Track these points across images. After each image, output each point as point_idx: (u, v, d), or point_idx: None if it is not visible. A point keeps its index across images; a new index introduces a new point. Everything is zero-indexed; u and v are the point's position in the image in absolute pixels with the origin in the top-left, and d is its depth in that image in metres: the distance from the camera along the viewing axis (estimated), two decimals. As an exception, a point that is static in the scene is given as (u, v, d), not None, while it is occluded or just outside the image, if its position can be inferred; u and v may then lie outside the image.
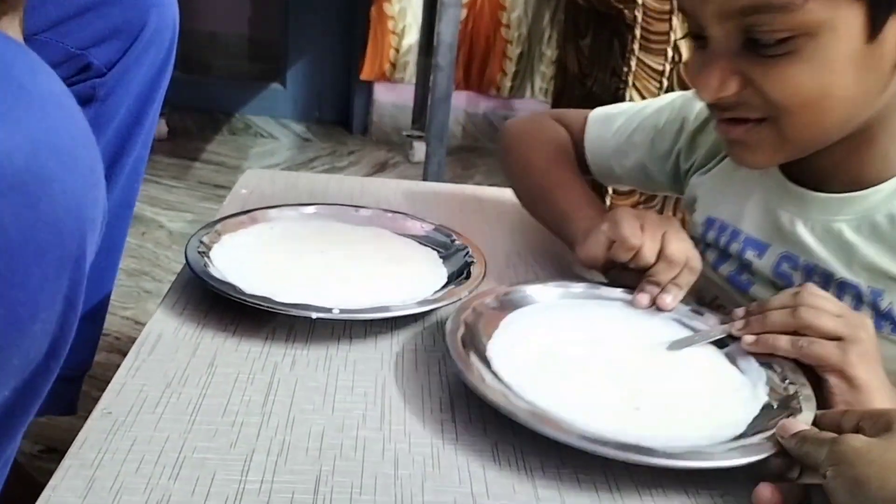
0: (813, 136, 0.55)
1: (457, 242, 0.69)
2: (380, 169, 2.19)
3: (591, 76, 1.85)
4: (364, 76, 2.38)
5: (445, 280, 0.63)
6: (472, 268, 0.64)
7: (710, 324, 0.59)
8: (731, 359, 0.55)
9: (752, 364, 0.54)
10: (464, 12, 2.29)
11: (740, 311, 0.56)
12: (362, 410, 0.49)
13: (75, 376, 0.69)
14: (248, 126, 2.42)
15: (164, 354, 0.53)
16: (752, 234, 0.64)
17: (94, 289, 0.67)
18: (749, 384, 0.52)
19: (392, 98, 2.44)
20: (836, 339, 0.50)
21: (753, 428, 0.47)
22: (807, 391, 0.50)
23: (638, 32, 1.56)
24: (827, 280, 0.58)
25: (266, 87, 2.51)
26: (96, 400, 0.45)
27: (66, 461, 0.42)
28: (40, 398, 0.39)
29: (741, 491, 0.44)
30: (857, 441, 0.41)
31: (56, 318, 0.37)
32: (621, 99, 1.61)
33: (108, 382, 1.09)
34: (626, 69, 1.60)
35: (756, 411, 0.49)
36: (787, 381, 0.52)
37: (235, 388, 0.50)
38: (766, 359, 0.54)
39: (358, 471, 0.43)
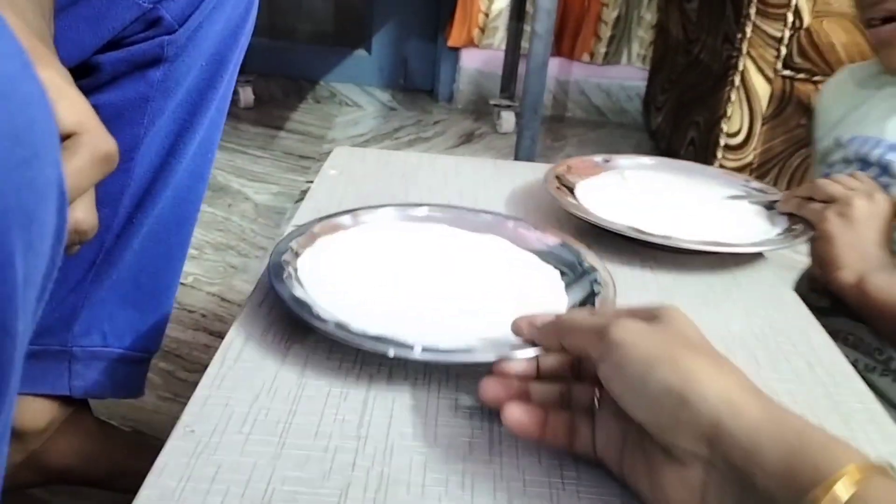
0: None
1: (585, 264, 0.58)
2: (466, 140, 2.12)
3: (699, 42, 1.72)
4: (452, 42, 2.30)
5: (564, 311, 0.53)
6: (597, 299, 0.53)
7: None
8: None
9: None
10: (558, -26, 2.17)
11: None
12: (468, 437, 0.43)
13: (142, 359, 0.65)
14: (332, 94, 2.38)
15: (251, 362, 0.48)
16: (894, 140, 0.69)
17: (161, 268, 0.63)
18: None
19: (479, 65, 2.36)
20: (832, 201, 0.64)
21: None
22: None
23: (755, -6, 1.42)
24: None
25: (351, 54, 2.46)
26: (182, 381, 0.42)
27: (145, 490, 0.38)
28: None
29: None
30: (631, 323, 0.37)
31: None
32: (733, 68, 1.49)
33: (193, 362, 1.08)
34: (739, 35, 1.47)
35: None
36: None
37: (328, 405, 0.45)
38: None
39: (468, 516, 0.38)
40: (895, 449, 0.45)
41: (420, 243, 0.60)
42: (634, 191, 0.76)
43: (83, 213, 0.38)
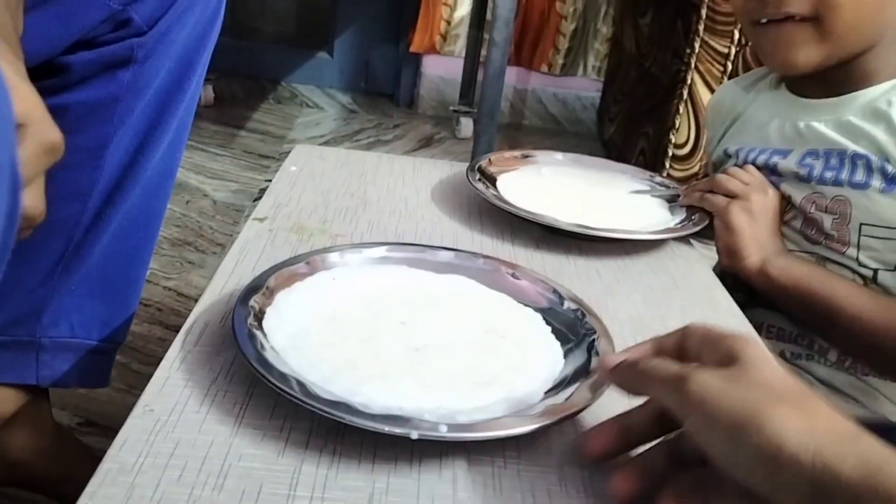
0: (849, 36, 0.66)
1: (567, 304, 0.55)
2: (425, 144, 2.14)
3: (650, 56, 1.78)
4: (414, 48, 2.33)
5: (563, 363, 0.50)
6: (596, 344, 0.50)
7: None
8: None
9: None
10: (518, -15, 2.22)
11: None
12: (418, 420, 0.45)
13: (108, 349, 0.66)
14: (293, 95, 2.39)
15: (211, 346, 0.50)
16: (776, 146, 0.74)
17: (129, 263, 0.65)
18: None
19: (440, 71, 2.39)
20: (733, 196, 0.70)
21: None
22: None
23: (704, 12, 1.49)
24: (842, 156, 0.69)
25: (313, 56, 2.47)
26: (136, 373, 0.43)
27: (105, 464, 0.40)
28: None
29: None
30: (708, 377, 0.36)
31: None
32: (681, 81, 1.55)
33: (148, 355, 1.09)
34: (688, 50, 1.53)
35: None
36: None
37: (284, 388, 0.47)
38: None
39: (414, 491, 0.40)
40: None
41: (385, 293, 0.55)
42: (550, 184, 0.83)
43: (31, 200, 0.40)
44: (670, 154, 1.59)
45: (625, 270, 0.68)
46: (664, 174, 1.60)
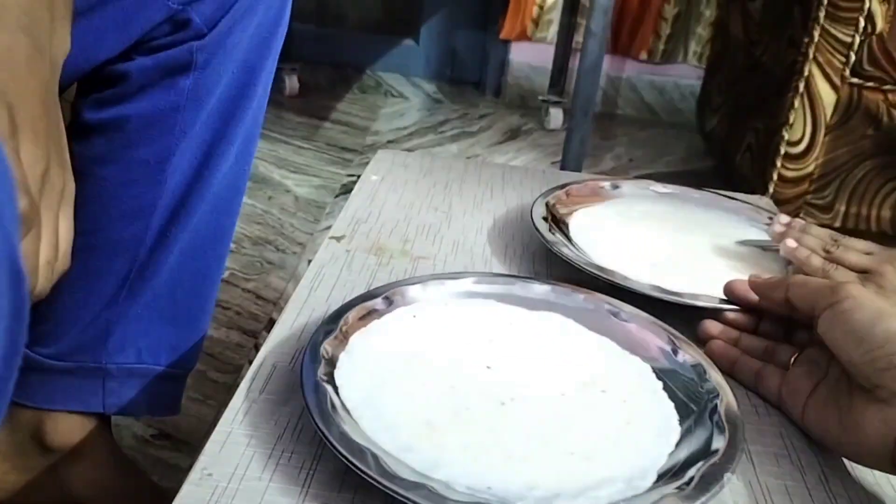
0: None
1: (682, 357, 0.47)
2: (511, 136, 2.06)
3: (760, 44, 1.64)
4: (504, 35, 2.24)
5: (678, 430, 0.43)
6: (720, 411, 0.43)
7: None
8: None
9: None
10: (616, -33, 2.10)
11: (783, 219, 0.64)
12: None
13: (178, 375, 0.63)
14: (378, 84, 2.35)
15: (277, 394, 0.45)
16: None
17: (197, 284, 0.61)
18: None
19: (529, 58, 2.30)
20: (862, 272, 0.56)
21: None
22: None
23: (825, -3, 1.34)
24: None
25: (399, 43, 2.42)
26: (213, 381, 0.39)
27: (155, 544, 0.35)
28: None
29: None
30: (855, 286, 0.44)
31: None
32: (798, 73, 1.41)
33: (225, 362, 1.06)
34: (806, 39, 1.39)
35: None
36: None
37: (356, 450, 0.41)
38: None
39: None
40: None
41: (471, 333, 0.49)
42: (637, 228, 0.68)
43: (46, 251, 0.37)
44: (783, 152, 1.46)
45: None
46: (775, 173, 1.48)
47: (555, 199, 0.68)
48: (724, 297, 0.55)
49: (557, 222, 0.65)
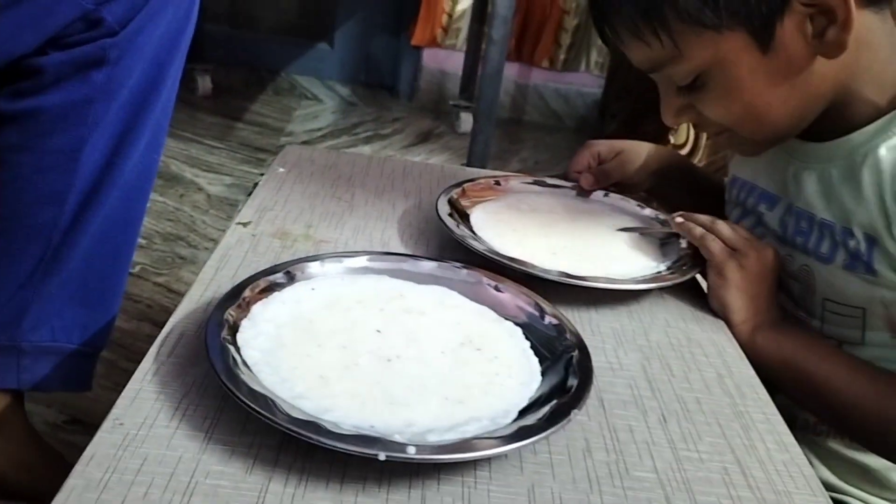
0: (770, 134, 0.64)
1: (548, 319, 0.55)
2: (424, 139, 2.13)
3: (651, 55, 1.77)
4: (415, 41, 2.31)
5: (539, 380, 0.50)
6: (574, 361, 0.50)
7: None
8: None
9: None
10: (521, -21, 2.21)
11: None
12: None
13: (90, 353, 0.66)
14: (293, 86, 2.38)
15: (185, 357, 0.50)
16: (766, 188, 0.71)
17: (109, 267, 0.64)
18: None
19: (440, 64, 2.38)
20: (732, 248, 0.65)
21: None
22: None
23: (705, 12, 1.47)
24: (811, 221, 0.66)
25: (313, 46, 2.46)
26: (123, 370, 0.43)
27: (71, 480, 0.39)
28: None
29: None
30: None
31: None
32: (682, 82, 1.53)
33: (135, 353, 1.08)
34: (689, 50, 1.51)
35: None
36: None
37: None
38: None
39: (381, 513, 0.40)
40: (789, 458, 0.49)
41: (365, 303, 0.55)
42: (529, 219, 0.76)
43: None
44: (668, 155, 1.58)
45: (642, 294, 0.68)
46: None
47: (456, 194, 0.75)
48: (613, 278, 0.64)
49: (460, 216, 0.72)
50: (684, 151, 1.58)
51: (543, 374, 0.50)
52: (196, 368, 0.49)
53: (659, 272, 0.67)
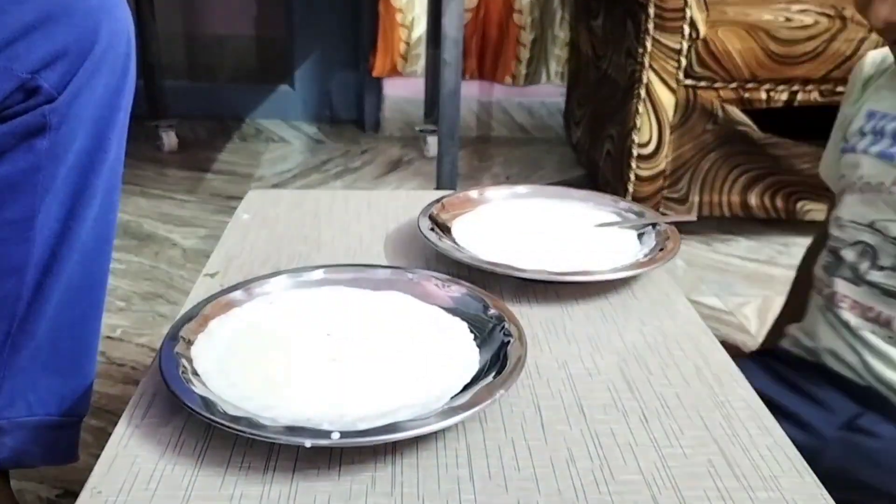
0: None
1: (491, 312, 0.57)
2: (394, 167, 2.14)
3: (606, 58, 1.79)
4: (376, 73, 2.33)
5: (477, 368, 0.52)
6: (509, 348, 0.52)
7: None
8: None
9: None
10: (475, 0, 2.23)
11: None
12: (371, 472, 0.45)
13: (71, 422, 0.66)
14: (258, 131, 2.38)
15: (159, 418, 0.49)
16: None
17: (78, 332, 0.64)
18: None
19: (403, 92, 2.39)
20: None
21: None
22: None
23: (651, 10, 1.49)
24: None
25: (275, 90, 2.47)
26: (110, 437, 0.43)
27: (50, 557, 0.39)
28: None
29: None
30: None
31: None
32: (638, 81, 1.55)
33: (124, 417, 1.05)
34: (640, 50, 1.53)
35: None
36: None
37: (234, 452, 0.46)
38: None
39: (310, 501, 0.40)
40: (773, 441, 0.49)
41: (319, 311, 0.57)
42: (510, 226, 0.79)
43: None
44: (635, 154, 1.59)
45: (583, 288, 0.68)
46: (631, 174, 1.61)
47: (435, 210, 0.78)
48: (593, 271, 0.66)
49: (442, 230, 0.74)
50: (648, 150, 1.59)
51: (483, 363, 0.52)
52: (170, 426, 0.48)
53: (637, 260, 0.70)
